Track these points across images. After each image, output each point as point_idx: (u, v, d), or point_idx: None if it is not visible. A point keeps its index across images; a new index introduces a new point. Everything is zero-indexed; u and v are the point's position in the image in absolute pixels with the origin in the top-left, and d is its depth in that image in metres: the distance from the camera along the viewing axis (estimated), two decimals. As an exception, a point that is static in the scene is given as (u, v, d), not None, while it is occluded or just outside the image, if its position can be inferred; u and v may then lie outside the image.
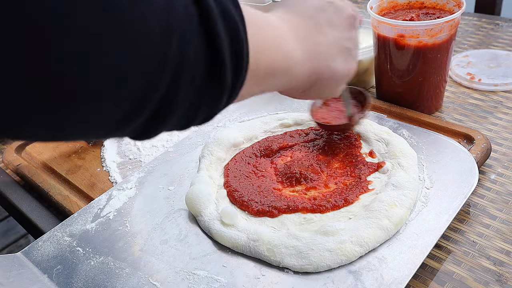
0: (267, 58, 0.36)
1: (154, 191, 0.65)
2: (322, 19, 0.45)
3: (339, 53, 0.46)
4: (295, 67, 0.41)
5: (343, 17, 0.47)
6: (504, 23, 1.02)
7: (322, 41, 0.44)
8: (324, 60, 0.44)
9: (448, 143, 0.64)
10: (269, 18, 0.40)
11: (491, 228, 0.56)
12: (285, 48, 0.39)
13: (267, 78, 0.38)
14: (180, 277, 0.52)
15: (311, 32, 0.43)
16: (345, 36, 0.47)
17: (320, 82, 0.45)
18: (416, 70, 0.71)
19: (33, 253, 0.57)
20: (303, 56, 0.41)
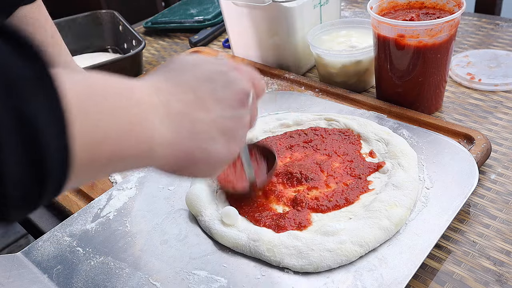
0: (110, 148, 0.30)
1: (154, 191, 0.65)
2: (206, 92, 0.39)
3: (220, 134, 0.39)
4: (159, 150, 0.35)
5: (232, 91, 0.41)
6: (504, 23, 1.02)
7: (201, 119, 0.38)
8: (200, 141, 0.38)
9: (448, 143, 0.64)
10: (129, 92, 0.33)
11: (491, 228, 0.56)
12: (145, 131, 0.33)
13: (114, 163, 0.32)
14: (180, 277, 0.52)
15: (188, 108, 0.37)
16: (229, 114, 0.40)
17: (193, 165, 0.39)
18: (416, 70, 0.71)
19: (33, 253, 0.57)
20: (171, 137, 0.36)
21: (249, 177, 0.57)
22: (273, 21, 0.88)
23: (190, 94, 0.38)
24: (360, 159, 0.63)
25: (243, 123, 0.42)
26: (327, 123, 0.71)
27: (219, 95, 0.40)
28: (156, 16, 1.29)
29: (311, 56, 0.91)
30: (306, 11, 0.88)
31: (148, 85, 0.36)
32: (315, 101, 0.79)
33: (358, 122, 0.69)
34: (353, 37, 0.87)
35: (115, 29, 1.14)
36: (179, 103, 0.37)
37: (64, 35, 1.05)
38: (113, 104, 0.31)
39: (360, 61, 0.81)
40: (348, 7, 1.21)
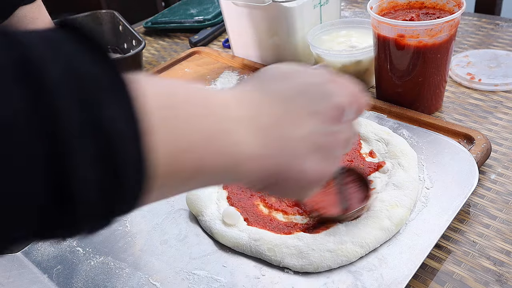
0: (194, 159, 0.28)
1: (154, 191, 0.64)
2: (299, 105, 0.36)
3: (313, 152, 0.36)
4: (245, 164, 0.32)
5: (328, 105, 0.37)
6: (504, 23, 1.02)
7: (293, 134, 0.35)
8: (291, 158, 0.35)
9: (448, 143, 0.64)
10: (213, 101, 0.31)
11: (491, 228, 0.56)
12: (230, 144, 0.31)
13: (199, 176, 0.30)
14: (180, 277, 0.52)
15: (279, 121, 0.34)
16: (324, 130, 0.37)
17: (283, 182, 0.35)
18: (416, 70, 0.71)
19: (33, 253, 0.57)
20: (259, 152, 0.33)
21: (345, 205, 0.54)
22: (273, 21, 0.88)
23: (280, 107, 0.35)
24: (360, 159, 0.63)
25: (338, 140, 0.38)
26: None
27: (313, 108, 0.36)
28: (156, 16, 1.29)
29: (311, 56, 0.91)
30: (306, 11, 0.88)
31: (235, 96, 0.34)
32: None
33: (358, 122, 0.69)
34: (353, 37, 0.87)
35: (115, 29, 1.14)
36: (269, 117, 0.34)
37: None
38: (195, 112, 0.29)
39: (360, 61, 0.81)
40: (348, 7, 1.21)
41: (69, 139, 0.21)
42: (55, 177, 0.21)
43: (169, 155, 0.26)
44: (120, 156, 0.23)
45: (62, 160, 0.21)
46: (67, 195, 0.21)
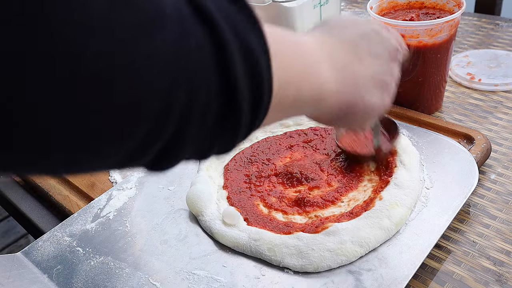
0: (294, 90, 0.34)
1: (154, 191, 0.65)
2: (364, 48, 0.42)
3: (376, 87, 0.43)
4: (327, 98, 0.38)
5: (387, 48, 0.44)
6: (504, 23, 1.02)
7: (361, 72, 0.41)
8: (360, 92, 0.41)
9: (448, 143, 0.64)
10: (302, 43, 0.37)
11: (491, 228, 0.56)
12: (318, 78, 0.37)
13: (292, 108, 0.36)
14: (180, 277, 0.52)
15: (350, 61, 0.41)
16: (385, 69, 0.44)
17: (351, 114, 0.42)
18: (416, 70, 0.71)
19: (33, 253, 0.57)
20: (337, 87, 0.38)
21: (378, 144, 0.60)
22: (273, 21, 0.88)
23: (349, 50, 0.41)
24: None
25: (394, 77, 0.46)
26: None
27: (376, 51, 0.43)
28: (156, 16, 1.28)
29: (311, 56, 0.91)
30: (306, 11, 0.88)
31: (314, 39, 0.39)
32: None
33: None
34: (353, 37, 0.87)
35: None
36: (342, 57, 0.40)
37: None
38: (292, 49, 0.35)
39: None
40: (348, 7, 1.21)
41: (231, 55, 0.26)
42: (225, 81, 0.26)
43: (279, 83, 0.31)
44: (260, 75, 0.28)
45: (233, 86, 0.27)
46: (233, 114, 0.28)
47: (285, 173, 0.62)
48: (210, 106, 0.26)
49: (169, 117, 0.25)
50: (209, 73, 0.26)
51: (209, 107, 0.26)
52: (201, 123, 0.26)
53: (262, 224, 0.55)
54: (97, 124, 0.22)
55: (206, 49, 0.25)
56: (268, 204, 0.58)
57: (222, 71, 0.26)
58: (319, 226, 0.53)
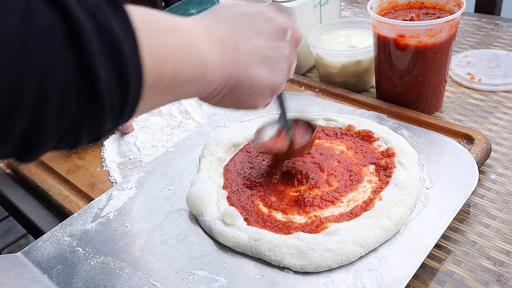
0: (172, 67, 0.34)
1: (154, 191, 0.65)
2: (246, 25, 0.43)
3: (262, 62, 0.43)
4: (210, 73, 0.38)
5: (271, 26, 0.45)
6: (504, 23, 1.02)
7: (243, 47, 0.41)
8: (244, 66, 0.41)
9: (448, 143, 0.64)
10: (179, 23, 0.37)
11: (491, 228, 0.56)
12: (197, 53, 0.36)
13: (175, 87, 0.35)
14: (180, 277, 0.52)
15: (231, 36, 0.41)
16: (270, 45, 0.44)
17: (239, 90, 0.41)
18: (416, 70, 0.71)
19: (33, 253, 0.57)
20: (219, 61, 0.39)
21: (288, 136, 0.60)
22: (273, 21, 0.88)
23: (231, 26, 0.41)
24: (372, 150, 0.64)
25: (283, 54, 0.45)
26: (326, 123, 0.71)
27: (258, 28, 0.43)
28: (156, 16, 1.29)
29: (311, 56, 0.91)
30: (306, 11, 0.88)
31: (194, 19, 0.40)
32: (315, 101, 0.79)
33: (358, 121, 0.69)
34: (353, 37, 0.87)
35: (115, 29, 1.14)
36: (221, 32, 0.40)
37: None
38: (168, 27, 0.35)
39: (360, 61, 0.81)
40: (348, 7, 1.21)
41: (85, 35, 0.26)
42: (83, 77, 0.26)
43: (152, 62, 0.31)
44: (121, 55, 0.28)
45: (88, 64, 0.26)
46: (93, 95, 0.27)
47: (285, 173, 0.62)
48: (67, 90, 0.26)
49: (21, 104, 0.24)
50: (62, 55, 0.25)
51: (66, 91, 0.26)
52: (59, 108, 0.26)
53: (262, 224, 0.55)
54: None
55: (57, 32, 0.25)
56: (268, 204, 0.58)
57: (77, 54, 0.26)
58: (319, 226, 0.53)
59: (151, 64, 0.31)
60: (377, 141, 0.65)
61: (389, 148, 0.62)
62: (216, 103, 0.43)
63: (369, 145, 0.65)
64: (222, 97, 0.42)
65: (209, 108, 0.84)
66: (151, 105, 0.35)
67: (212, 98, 0.42)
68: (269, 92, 0.45)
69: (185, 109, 0.84)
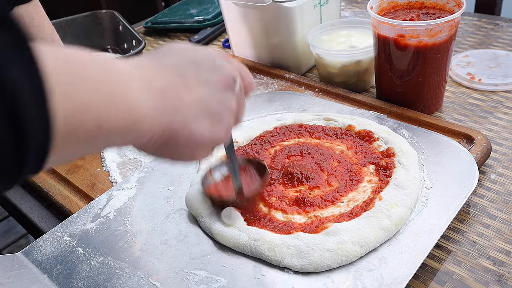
0: (96, 117, 0.30)
1: (154, 191, 0.65)
2: (192, 74, 0.39)
3: (205, 115, 0.39)
4: (143, 124, 0.34)
5: (219, 76, 0.41)
6: (504, 23, 1.02)
7: (185, 98, 0.38)
8: (183, 119, 0.38)
9: (448, 143, 0.64)
10: (113, 68, 0.34)
11: (491, 228, 0.56)
12: (128, 102, 0.33)
13: (98, 138, 0.31)
14: (180, 277, 0.52)
15: (171, 85, 0.37)
16: (215, 97, 0.40)
17: (175, 143, 0.38)
18: (416, 70, 0.71)
19: (33, 253, 0.57)
20: (156, 112, 0.35)
21: (237, 185, 0.56)
22: (273, 21, 0.88)
23: (173, 73, 0.38)
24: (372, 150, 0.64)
25: (228, 107, 0.42)
26: (326, 123, 0.71)
27: (204, 77, 0.40)
28: (156, 16, 1.29)
29: (311, 56, 0.91)
30: (306, 11, 0.88)
31: (130, 62, 0.36)
32: (315, 101, 0.79)
33: (358, 121, 0.69)
34: (353, 37, 0.87)
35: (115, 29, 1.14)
36: (162, 80, 0.37)
37: (64, 35, 1.05)
38: (93, 74, 0.31)
39: (360, 61, 0.81)
40: (348, 7, 1.21)
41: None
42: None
43: (67, 114, 0.28)
44: (23, 113, 0.24)
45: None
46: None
47: (285, 173, 0.62)
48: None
49: None
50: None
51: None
52: None
53: (262, 224, 0.55)
54: None
55: None
56: (268, 204, 0.58)
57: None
58: (319, 226, 0.53)
59: (66, 116, 0.27)
60: (377, 141, 0.65)
61: (389, 148, 0.62)
62: (152, 152, 0.40)
63: (369, 145, 0.65)
64: (158, 147, 0.38)
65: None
66: (69, 156, 0.32)
67: (147, 148, 0.39)
68: (210, 146, 0.42)
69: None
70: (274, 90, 0.87)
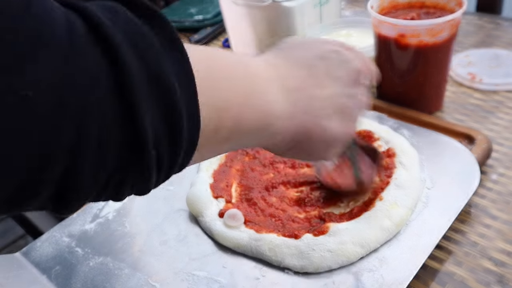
0: (234, 116, 0.31)
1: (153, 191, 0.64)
2: (321, 70, 0.39)
3: (336, 112, 0.39)
4: (276, 123, 0.34)
5: (347, 70, 0.41)
6: (506, 23, 1.01)
7: (317, 95, 0.37)
8: (316, 117, 0.37)
9: (449, 143, 0.63)
10: (246, 63, 0.34)
11: (492, 229, 0.56)
12: (263, 102, 0.33)
13: (235, 137, 0.32)
14: (180, 277, 0.52)
15: (304, 84, 0.37)
16: (346, 92, 0.40)
17: (308, 143, 0.38)
18: (417, 70, 0.71)
19: (32, 253, 0.57)
20: (288, 111, 0.35)
21: (358, 176, 0.55)
22: (273, 20, 0.88)
23: (304, 71, 0.38)
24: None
25: (358, 102, 0.41)
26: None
27: (334, 73, 0.39)
28: (156, 16, 1.28)
29: (311, 55, 0.91)
30: (306, 11, 0.87)
31: (262, 60, 0.36)
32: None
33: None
34: (353, 37, 0.87)
35: (114, 28, 1.14)
36: (295, 79, 0.37)
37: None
38: (232, 73, 0.32)
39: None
40: (349, 6, 1.20)
41: (131, 79, 0.23)
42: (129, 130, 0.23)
43: (210, 112, 0.28)
44: (177, 107, 0.25)
45: (134, 115, 0.23)
46: (137, 145, 0.24)
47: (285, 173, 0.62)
48: (107, 143, 0.23)
49: (55, 155, 0.21)
50: (104, 105, 0.22)
51: (106, 144, 0.23)
52: (97, 161, 0.23)
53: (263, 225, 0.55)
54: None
55: (99, 73, 0.22)
56: (268, 204, 0.58)
57: (120, 99, 0.23)
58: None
59: (209, 113, 0.28)
60: (377, 141, 0.65)
61: (389, 149, 0.62)
62: (284, 153, 0.40)
63: None
64: (291, 148, 0.38)
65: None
66: (207, 155, 0.32)
67: (279, 148, 0.38)
68: (341, 142, 0.41)
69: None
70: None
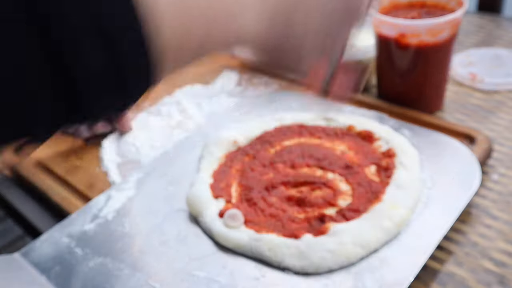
0: (201, 33, 0.31)
1: (153, 191, 0.64)
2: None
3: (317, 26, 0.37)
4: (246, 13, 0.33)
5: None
6: (506, 22, 1.01)
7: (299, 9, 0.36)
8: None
9: (450, 143, 0.63)
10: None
11: (493, 229, 0.55)
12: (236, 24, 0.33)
13: (203, 49, 0.33)
14: (180, 278, 0.51)
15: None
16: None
17: (298, 10, 0.35)
18: (417, 70, 0.71)
19: (31, 254, 0.57)
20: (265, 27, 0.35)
21: (330, 68, 0.50)
22: (273, 20, 0.87)
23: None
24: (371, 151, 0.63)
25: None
26: (326, 123, 0.71)
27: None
28: (156, 16, 1.28)
29: (311, 55, 0.90)
30: (306, 10, 0.87)
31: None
32: (315, 101, 0.78)
33: (358, 121, 0.68)
34: (353, 37, 0.87)
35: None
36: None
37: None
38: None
39: (361, 60, 0.81)
40: (349, 6, 1.20)
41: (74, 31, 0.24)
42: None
43: (178, 29, 0.29)
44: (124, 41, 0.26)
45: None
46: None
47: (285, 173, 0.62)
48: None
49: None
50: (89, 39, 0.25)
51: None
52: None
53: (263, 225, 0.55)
54: None
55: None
56: (268, 204, 0.58)
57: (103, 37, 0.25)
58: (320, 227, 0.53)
59: (174, 32, 0.29)
60: (378, 141, 0.65)
61: (390, 149, 0.62)
62: (264, 43, 0.39)
63: (370, 145, 0.64)
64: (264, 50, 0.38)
65: (209, 108, 0.84)
66: (181, 62, 0.32)
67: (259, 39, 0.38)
68: (347, 15, 0.38)
69: (185, 109, 0.84)
70: (274, 90, 0.86)
